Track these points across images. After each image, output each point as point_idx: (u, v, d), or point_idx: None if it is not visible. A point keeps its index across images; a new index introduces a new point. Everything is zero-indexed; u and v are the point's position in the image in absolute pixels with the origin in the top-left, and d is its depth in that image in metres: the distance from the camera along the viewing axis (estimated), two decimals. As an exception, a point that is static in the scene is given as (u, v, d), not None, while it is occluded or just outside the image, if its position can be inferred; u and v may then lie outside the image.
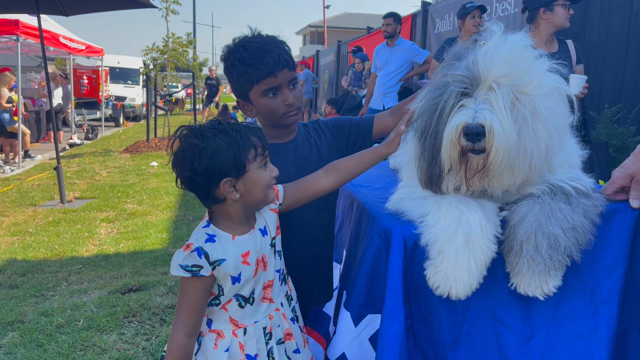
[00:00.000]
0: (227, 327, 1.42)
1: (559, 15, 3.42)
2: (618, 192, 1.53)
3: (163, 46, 12.45)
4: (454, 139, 1.34)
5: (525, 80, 1.35)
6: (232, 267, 1.37)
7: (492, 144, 1.30)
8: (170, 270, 1.36)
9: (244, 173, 1.35)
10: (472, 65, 1.37)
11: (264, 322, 1.47)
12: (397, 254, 1.43)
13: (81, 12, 7.19)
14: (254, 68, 1.59)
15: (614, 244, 1.49)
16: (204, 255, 1.33)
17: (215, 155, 1.32)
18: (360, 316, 1.56)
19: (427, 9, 8.33)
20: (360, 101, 8.31)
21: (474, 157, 1.35)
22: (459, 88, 1.37)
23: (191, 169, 1.34)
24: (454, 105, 1.37)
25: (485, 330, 1.47)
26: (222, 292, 1.40)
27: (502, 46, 1.37)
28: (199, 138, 1.33)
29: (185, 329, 1.35)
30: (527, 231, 1.40)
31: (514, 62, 1.35)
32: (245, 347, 1.42)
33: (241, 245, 1.40)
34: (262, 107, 1.65)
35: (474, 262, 1.36)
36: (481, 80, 1.35)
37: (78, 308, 3.17)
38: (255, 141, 1.37)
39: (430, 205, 1.46)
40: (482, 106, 1.32)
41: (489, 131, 1.30)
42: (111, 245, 4.61)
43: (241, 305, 1.42)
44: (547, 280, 1.39)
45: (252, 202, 1.41)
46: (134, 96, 18.36)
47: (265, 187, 1.39)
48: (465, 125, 1.32)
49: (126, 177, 7.98)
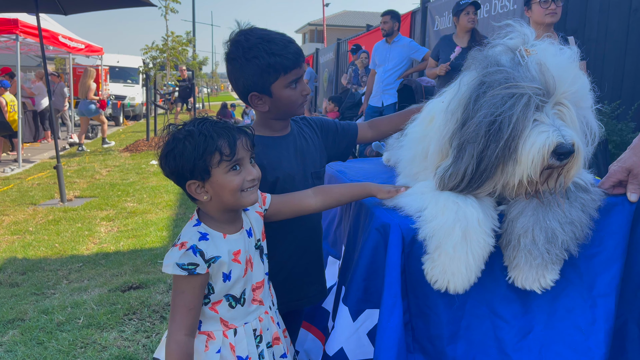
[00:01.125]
0: (218, 328, 1.42)
1: (535, 13, 3.58)
2: (615, 186, 1.54)
3: (162, 45, 12.41)
4: (545, 157, 1.30)
5: (582, 95, 1.37)
6: (225, 265, 1.38)
7: (576, 161, 1.33)
8: (163, 269, 1.36)
9: (209, 177, 1.35)
10: (541, 77, 1.32)
11: (254, 324, 1.48)
12: (395, 249, 1.44)
13: (80, 11, 7.18)
14: (284, 58, 1.58)
15: (611, 238, 1.49)
16: (199, 253, 1.33)
17: (178, 158, 1.34)
18: (359, 311, 1.57)
19: (426, 6, 8.32)
20: (359, 99, 8.32)
21: (546, 171, 1.36)
22: (538, 101, 1.32)
23: (162, 167, 1.40)
24: (529, 120, 1.32)
25: (483, 324, 1.47)
26: (212, 290, 1.40)
27: (564, 58, 1.36)
28: (172, 137, 1.37)
29: (185, 328, 1.35)
30: (524, 225, 1.40)
31: (581, 78, 1.36)
32: (236, 348, 1.43)
33: (233, 244, 1.41)
34: (284, 99, 1.64)
35: (472, 256, 1.36)
36: (553, 94, 1.32)
37: (78, 306, 3.17)
38: (222, 145, 1.33)
39: (428, 199, 1.46)
40: (559, 123, 1.32)
41: (577, 150, 1.31)
42: (111, 244, 4.61)
43: (231, 305, 1.42)
44: (545, 274, 1.40)
45: (225, 204, 1.39)
46: (133, 95, 18.35)
47: (234, 191, 1.36)
48: (557, 144, 1.29)
49: (126, 176, 7.98)
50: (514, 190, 1.40)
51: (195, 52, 20.21)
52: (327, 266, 2.05)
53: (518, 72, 1.33)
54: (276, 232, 1.67)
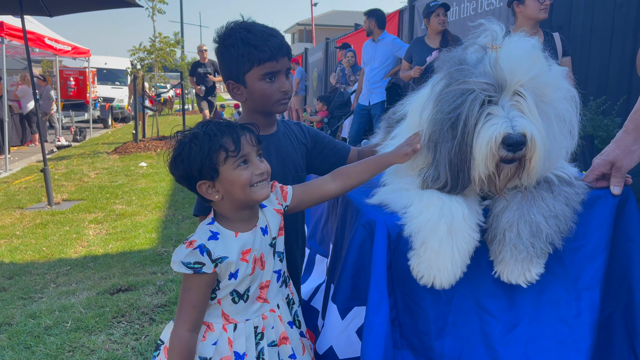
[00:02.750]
0: (218, 321, 1.43)
1: (529, 7, 3.47)
2: (599, 179, 1.55)
3: (150, 46, 12.34)
4: (493, 149, 1.31)
5: (546, 84, 1.35)
6: (233, 265, 1.38)
7: (534, 152, 1.30)
8: (171, 265, 1.37)
9: (218, 176, 1.36)
10: (494, 71, 1.33)
11: (256, 322, 1.47)
12: (381, 245, 1.44)
13: (65, 12, 7.12)
14: (258, 49, 1.59)
15: (595, 231, 1.50)
16: (206, 253, 1.34)
17: (186, 161, 1.36)
18: (347, 309, 1.57)
19: (413, 4, 8.34)
20: (348, 97, 8.32)
21: (506, 166, 1.35)
22: (484, 96, 1.32)
23: (173, 174, 1.41)
24: (481, 115, 1.33)
25: (470, 319, 1.48)
26: (218, 286, 1.41)
27: (522, 49, 1.35)
28: (179, 142, 1.38)
29: (188, 324, 1.37)
30: (509, 219, 1.41)
31: (538, 67, 1.34)
32: (234, 343, 1.42)
33: (243, 243, 1.41)
34: (257, 91, 1.64)
35: (457, 251, 1.36)
36: (506, 86, 1.32)
37: (66, 309, 3.14)
38: (226, 142, 1.35)
39: (413, 196, 1.47)
40: (514, 113, 1.31)
41: (530, 140, 1.30)
42: (100, 246, 4.58)
43: (234, 300, 1.43)
44: (530, 267, 1.41)
45: (238, 202, 1.40)
46: (122, 97, 18.24)
47: (243, 186, 1.36)
48: (505, 135, 1.29)
49: (115, 178, 7.92)
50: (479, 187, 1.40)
51: (183, 53, 20.11)
52: (315, 264, 2.05)
53: (475, 69, 1.35)
54: None
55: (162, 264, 3.96)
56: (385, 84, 6.10)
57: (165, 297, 3.24)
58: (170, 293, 3.31)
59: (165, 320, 2.94)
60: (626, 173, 1.52)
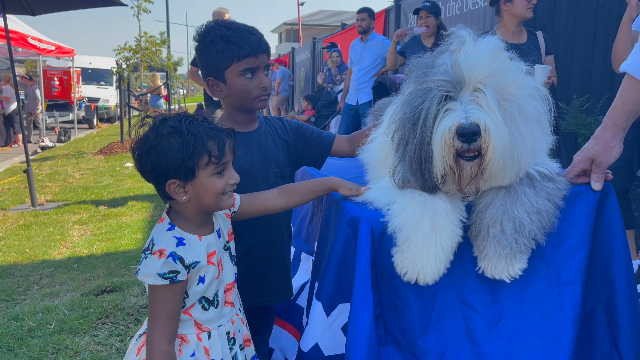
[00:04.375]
0: (191, 331, 1.40)
1: (518, 6, 3.47)
2: (580, 176, 1.56)
3: (135, 45, 12.23)
4: (447, 142, 1.31)
5: (509, 80, 1.36)
6: (203, 269, 1.36)
7: (489, 142, 1.30)
8: (140, 278, 1.32)
9: (193, 178, 1.31)
10: (453, 69, 1.36)
11: (227, 327, 1.46)
12: (365, 242, 1.44)
13: (49, 11, 7.03)
14: (237, 46, 1.62)
15: (577, 226, 1.52)
16: (179, 260, 1.30)
17: (162, 155, 1.29)
18: (332, 306, 1.57)
19: (399, 4, 8.37)
20: (335, 97, 8.32)
21: (467, 164, 1.35)
22: (442, 92, 1.35)
23: (139, 162, 1.33)
24: (440, 111, 1.35)
25: (454, 315, 1.48)
26: (186, 294, 1.37)
27: (481, 48, 1.38)
28: (154, 133, 1.31)
29: (167, 337, 1.32)
30: (493, 215, 1.42)
31: (497, 63, 1.35)
32: (210, 351, 1.40)
33: (208, 246, 1.38)
34: (237, 87, 1.66)
35: (441, 247, 1.37)
36: (465, 82, 1.34)
37: (50, 311, 3.10)
38: (212, 147, 1.31)
39: (396, 193, 1.47)
40: (471, 106, 1.32)
41: (485, 130, 1.29)
42: (84, 247, 4.53)
43: (205, 307, 1.40)
44: (513, 263, 1.42)
45: (204, 207, 1.37)
46: (107, 97, 18.07)
47: (216, 195, 1.34)
48: (459, 125, 1.30)
49: (100, 179, 7.85)
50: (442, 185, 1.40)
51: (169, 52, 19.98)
52: (300, 262, 2.05)
53: (437, 70, 1.38)
54: (247, 228, 1.67)
55: (147, 265, 3.93)
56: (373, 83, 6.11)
57: (151, 298, 3.21)
58: (155, 293, 3.28)
59: (150, 320, 2.91)
60: (606, 169, 1.54)
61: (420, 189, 1.44)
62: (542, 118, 1.44)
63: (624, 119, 1.52)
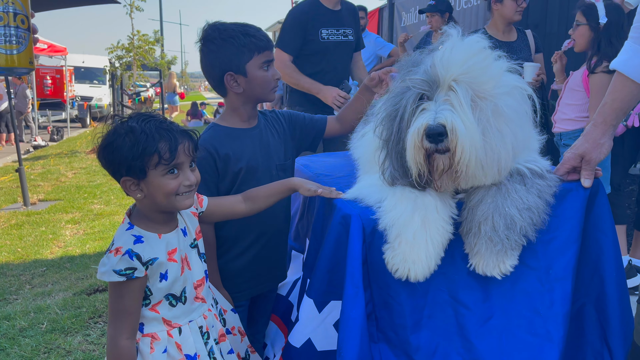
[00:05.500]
0: (161, 328, 1.42)
1: (507, 8, 3.49)
2: (570, 173, 1.57)
3: (128, 44, 12.18)
4: (417, 142, 1.33)
5: (484, 79, 1.36)
6: (163, 265, 1.37)
7: (456, 143, 1.30)
8: (98, 277, 1.34)
9: (144, 177, 1.34)
10: (430, 69, 1.37)
11: (199, 322, 1.48)
12: (356, 239, 1.44)
13: (41, 10, 7.01)
14: (257, 39, 1.70)
15: (567, 223, 1.52)
16: (135, 257, 1.32)
17: (116, 153, 1.33)
18: (324, 302, 1.57)
19: (393, 2, 8.38)
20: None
21: (439, 157, 1.35)
22: (418, 91, 1.37)
23: (99, 157, 1.37)
24: (415, 110, 1.37)
25: (445, 312, 1.49)
26: (150, 292, 1.39)
27: (459, 46, 1.38)
28: (112, 130, 1.35)
29: (127, 332, 1.35)
30: (484, 212, 1.42)
31: (472, 61, 1.35)
32: (182, 347, 1.42)
33: (168, 243, 1.40)
34: (257, 79, 1.72)
35: (431, 244, 1.38)
36: (440, 81, 1.35)
37: (42, 311, 3.09)
38: (162, 148, 1.32)
39: (387, 190, 1.48)
40: (442, 107, 1.32)
41: (451, 130, 1.30)
42: (77, 247, 4.51)
43: (172, 304, 1.42)
44: (505, 259, 1.42)
45: (157, 206, 1.39)
46: (100, 96, 17.97)
47: (167, 195, 1.36)
48: (426, 126, 1.31)
49: (93, 178, 7.81)
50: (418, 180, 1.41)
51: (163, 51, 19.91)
52: (291, 260, 2.05)
53: (418, 68, 1.41)
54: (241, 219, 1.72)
55: (140, 264, 3.92)
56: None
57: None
58: (148, 292, 3.27)
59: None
60: (596, 166, 1.55)
61: (408, 184, 1.45)
62: (523, 116, 1.44)
63: (614, 116, 1.53)
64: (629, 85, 1.51)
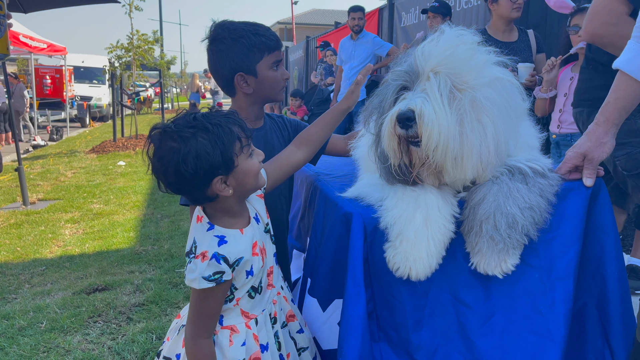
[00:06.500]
0: (240, 320, 1.40)
1: (503, 7, 3.53)
2: (572, 172, 1.56)
3: (128, 44, 12.15)
4: (390, 129, 1.36)
5: (463, 70, 1.36)
6: (248, 262, 1.34)
7: (423, 128, 1.31)
8: (187, 283, 1.29)
9: (234, 168, 1.28)
10: (413, 61, 1.40)
11: (269, 309, 1.47)
12: (358, 238, 1.44)
13: (40, 9, 7.00)
14: (267, 39, 1.68)
15: (569, 222, 1.51)
16: (222, 260, 1.28)
17: (201, 157, 1.23)
18: (328, 301, 1.57)
19: (393, 2, 8.36)
20: (328, 95, 8.31)
21: (415, 149, 1.36)
22: (399, 83, 1.40)
23: (177, 175, 1.25)
24: (396, 100, 1.39)
25: (447, 311, 1.48)
26: (235, 288, 1.37)
27: (439, 39, 1.40)
28: (178, 141, 1.23)
29: (206, 332, 1.34)
30: (486, 211, 1.42)
31: (451, 51, 1.36)
32: (259, 337, 1.41)
33: (251, 237, 1.36)
34: (268, 79, 1.71)
35: (433, 242, 1.37)
36: (419, 72, 1.36)
37: (41, 310, 3.08)
38: (238, 132, 1.29)
39: (388, 189, 1.47)
40: (417, 95, 1.34)
41: (419, 115, 1.30)
42: (76, 246, 4.50)
43: (251, 295, 1.40)
44: (506, 258, 1.42)
45: (246, 193, 1.38)
46: (100, 96, 17.96)
47: (256, 175, 1.35)
48: (399, 112, 1.33)
49: (92, 177, 7.80)
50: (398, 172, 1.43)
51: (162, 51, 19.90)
52: (292, 260, 2.04)
53: (405, 62, 1.43)
54: None
55: (140, 263, 3.91)
56: (365, 82, 6.11)
57: (143, 296, 3.20)
58: (148, 292, 3.26)
59: (142, 319, 2.90)
60: (598, 165, 1.54)
61: (391, 179, 1.46)
62: (508, 109, 1.41)
63: (617, 115, 1.53)
64: (632, 84, 1.50)
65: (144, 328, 2.77)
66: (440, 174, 1.40)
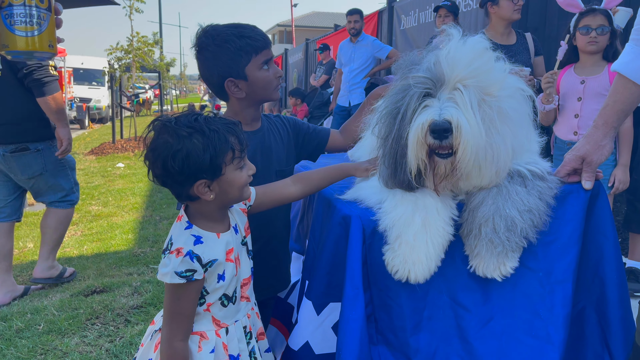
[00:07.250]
0: (210, 327, 1.40)
1: (504, 8, 3.50)
2: (571, 174, 1.56)
3: (127, 45, 12.15)
4: (420, 138, 1.32)
5: (489, 81, 1.36)
6: (221, 266, 1.35)
7: (460, 140, 1.30)
8: (159, 278, 1.31)
9: (220, 175, 1.30)
10: (435, 67, 1.37)
11: (244, 322, 1.46)
12: (356, 241, 1.43)
13: (39, 10, 6.98)
14: (253, 40, 1.64)
15: (567, 225, 1.51)
16: (196, 259, 1.29)
17: (190, 157, 1.26)
18: (322, 305, 1.56)
19: (392, 5, 8.39)
20: (328, 97, 8.32)
21: (441, 161, 1.35)
22: (422, 89, 1.36)
23: (164, 169, 1.29)
24: (418, 107, 1.36)
25: (445, 314, 1.48)
26: (206, 292, 1.37)
27: (464, 47, 1.38)
28: (174, 137, 1.27)
29: (181, 334, 1.34)
30: (485, 214, 1.42)
31: (477, 63, 1.35)
32: (228, 347, 1.41)
33: (226, 242, 1.38)
34: (259, 80, 1.68)
35: (432, 245, 1.37)
36: (445, 80, 1.34)
37: (38, 312, 3.07)
38: (233, 142, 1.31)
39: (387, 192, 1.47)
40: (447, 104, 1.32)
41: (456, 127, 1.29)
42: (74, 248, 4.49)
43: (224, 304, 1.40)
44: (505, 261, 1.42)
45: (227, 202, 1.39)
46: (99, 97, 17.95)
47: (241, 187, 1.36)
48: (431, 122, 1.30)
49: (91, 179, 7.79)
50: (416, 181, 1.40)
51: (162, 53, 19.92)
52: (291, 262, 2.04)
53: (420, 67, 1.40)
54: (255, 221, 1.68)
55: (138, 265, 3.90)
56: (365, 84, 6.12)
57: (142, 298, 3.19)
58: (146, 294, 3.25)
59: (140, 321, 2.89)
60: (597, 168, 1.54)
61: (395, 184, 1.44)
62: (524, 118, 1.44)
63: (615, 118, 1.53)
64: (631, 87, 1.50)
65: (142, 330, 2.76)
66: (457, 182, 1.39)
